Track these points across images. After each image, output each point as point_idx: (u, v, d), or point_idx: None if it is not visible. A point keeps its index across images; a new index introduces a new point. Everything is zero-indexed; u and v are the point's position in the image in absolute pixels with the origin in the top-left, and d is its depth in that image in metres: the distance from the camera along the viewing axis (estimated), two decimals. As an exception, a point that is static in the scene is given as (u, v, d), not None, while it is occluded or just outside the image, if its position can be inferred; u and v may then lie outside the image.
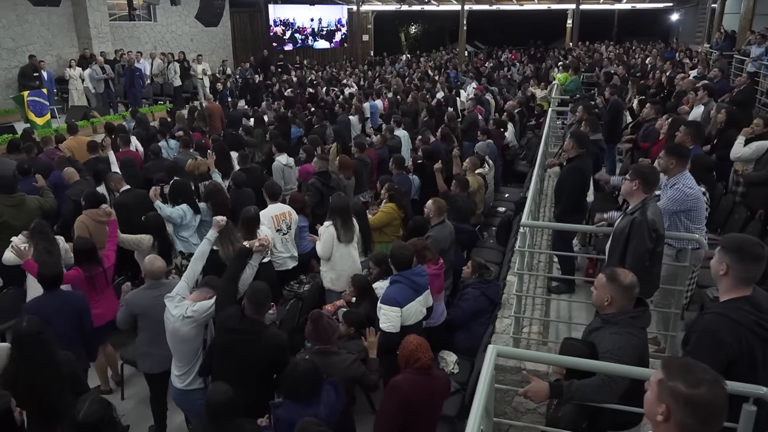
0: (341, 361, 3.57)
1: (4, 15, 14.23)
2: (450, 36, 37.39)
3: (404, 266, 4.17)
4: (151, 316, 4.13)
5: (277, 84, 16.85)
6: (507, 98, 14.02)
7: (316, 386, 3.17)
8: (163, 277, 4.24)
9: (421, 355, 3.33)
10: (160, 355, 4.19)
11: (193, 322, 3.68)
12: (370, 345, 3.87)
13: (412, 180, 7.32)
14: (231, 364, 3.54)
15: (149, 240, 5.38)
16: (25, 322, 3.25)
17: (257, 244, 3.97)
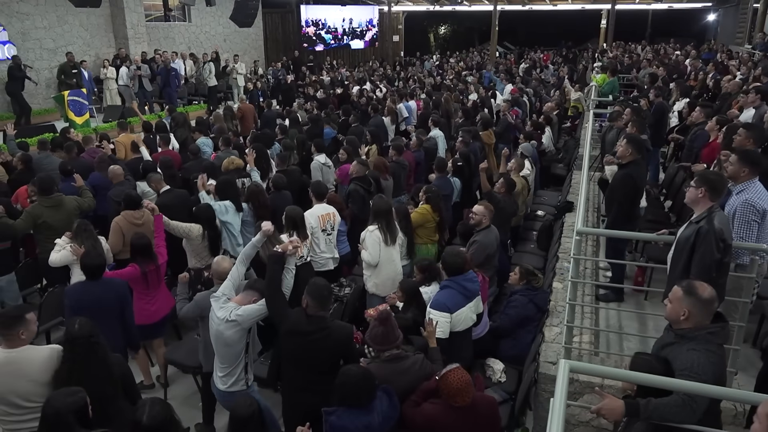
0: (414, 363, 3.50)
1: (46, 16, 14.51)
2: (479, 36, 37.18)
3: (456, 272, 4.09)
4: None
5: (309, 85, 16.85)
6: (545, 100, 13.81)
7: (369, 393, 3.10)
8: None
9: (459, 399, 3.19)
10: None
11: (237, 326, 3.65)
12: (429, 334, 3.79)
13: (453, 183, 7.22)
14: (303, 365, 3.50)
15: (198, 229, 5.37)
16: (77, 324, 3.23)
17: (290, 247, 3.92)
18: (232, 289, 3.81)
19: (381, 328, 3.52)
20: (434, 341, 3.78)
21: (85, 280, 4.22)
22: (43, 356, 3.31)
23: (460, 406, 3.17)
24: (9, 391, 3.21)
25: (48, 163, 7.59)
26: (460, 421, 3.18)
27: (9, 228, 5.56)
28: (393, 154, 7.81)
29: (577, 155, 10.06)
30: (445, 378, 3.20)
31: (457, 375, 3.18)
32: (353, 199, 6.50)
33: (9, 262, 5.63)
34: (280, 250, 3.84)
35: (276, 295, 3.64)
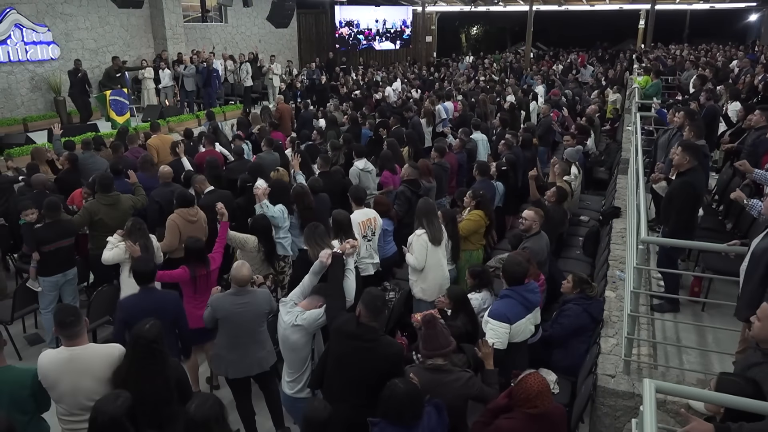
0: (455, 380, 3.38)
1: (88, 17, 14.78)
2: (511, 37, 36.81)
3: (517, 282, 3.99)
4: (232, 322, 4.13)
5: (345, 85, 16.85)
6: (586, 102, 13.56)
7: (416, 410, 2.99)
8: (248, 285, 4.18)
9: (539, 403, 3.09)
10: (236, 361, 4.18)
11: (302, 331, 3.61)
12: (485, 356, 3.66)
13: (496, 187, 7.09)
14: (345, 373, 3.43)
15: (254, 241, 5.36)
16: (147, 325, 3.23)
17: (347, 247, 3.87)
18: (301, 296, 3.77)
19: (427, 331, 3.44)
20: (491, 363, 3.65)
21: (138, 293, 4.21)
22: (105, 354, 3.33)
23: (538, 413, 3.06)
24: (73, 389, 3.23)
25: (92, 162, 7.70)
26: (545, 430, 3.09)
27: (70, 224, 5.68)
28: (435, 156, 7.72)
29: (620, 159, 9.83)
30: (523, 382, 3.11)
31: (537, 378, 3.12)
32: (399, 200, 6.44)
33: (73, 257, 5.78)
34: (339, 250, 3.78)
35: (335, 294, 3.62)
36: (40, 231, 5.48)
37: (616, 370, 4.07)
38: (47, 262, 5.52)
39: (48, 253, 5.48)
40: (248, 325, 4.06)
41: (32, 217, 5.66)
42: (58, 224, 5.55)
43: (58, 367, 3.22)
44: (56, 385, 3.24)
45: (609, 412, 3.94)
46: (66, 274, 5.65)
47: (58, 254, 5.54)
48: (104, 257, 4.96)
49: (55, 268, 5.57)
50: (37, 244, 5.45)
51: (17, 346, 5.75)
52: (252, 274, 4.22)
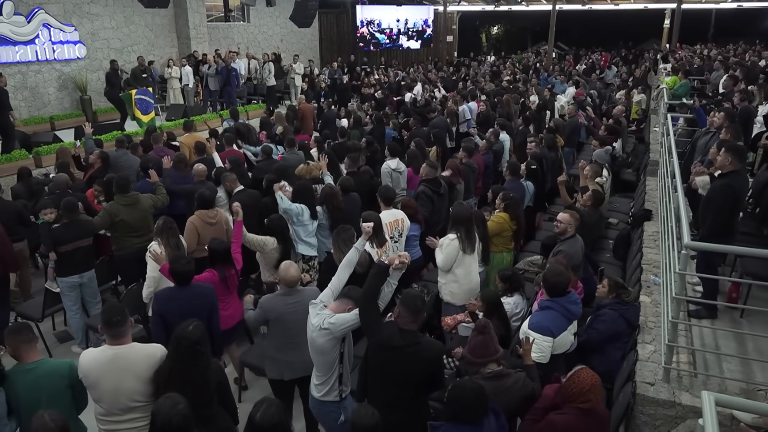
0: (515, 382, 3.35)
1: (114, 17, 14.93)
2: (532, 37, 36.50)
3: (559, 293, 3.90)
4: (284, 323, 4.07)
5: (367, 85, 16.79)
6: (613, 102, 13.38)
7: (482, 411, 2.95)
8: (297, 285, 4.14)
9: (592, 396, 3.06)
10: (289, 362, 4.13)
11: (329, 335, 3.54)
12: (526, 352, 3.62)
13: (525, 186, 6.99)
14: (387, 379, 3.38)
15: (273, 242, 5.34)
16: (191, 326, 3.21)
17: (397, 262, 3.75)
18: (331, 297, 3.71)
19: (480, 337, 3.37)
20: (530, 358, 3.61)
21: (174, 286, 4.20)
22: (148, 354, 3.33)
23: (590, 408, 3.03)
24: (116, 388, 3.23)
25: (125, 161, 7.74)
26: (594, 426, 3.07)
27: (89, 224, 5.68)
28: (463, 156, 7.63)
29: (648, 160, 9.66)
30: (575, 376, 3.08)
31: (588, 372, 3.10)
32: (421, 201, 6.37)
33: (90, 259, 5.74)
34: (387, 261, 3.69)
35: (370, 306, 3.50)
36: (57, 231, 5.50)
37: (656, 378, 3.96)
38: (64, 263, 5.53)
39: (65, 253, 5.48)
40: (301, 325, 4.01)
41: (50, 217, 5.69)
42: (76, 224, 5.55)
43: (101, 366, 3.22)
44: (98, 384, 3.23)
45: (648, 421, 3.84)
46: (83, 276, 5.64)
47: (75, 255, 5.53)
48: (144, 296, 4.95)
49: (71, 269, 5.56)
50: (54, 244, 5.46)
51: (47, 343, 5.79)
52: (300, 274, 4.15)
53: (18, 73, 12.87)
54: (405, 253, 3.76)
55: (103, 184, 6.50)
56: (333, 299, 3.71)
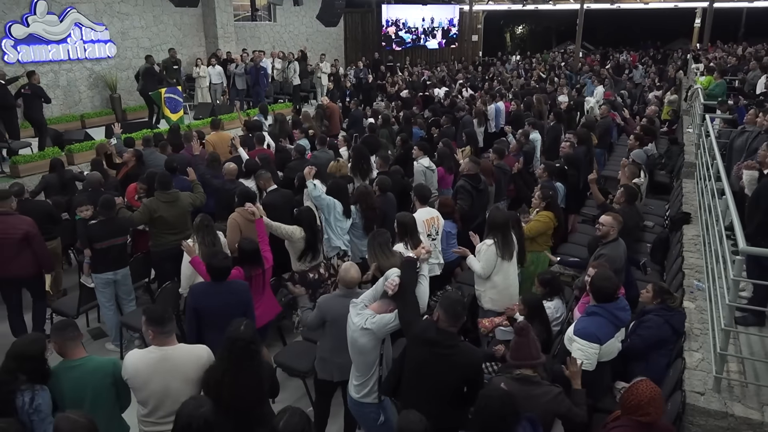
0: (544, 393, 3.21)
1: (143, 16, 15.07)
2: (557, 37, 36.09)
3: (607, 299, 3.77)
4: (340, 325, 3.97)
5: (393, 85, 16.73)
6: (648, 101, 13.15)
7: (512, 419, 2.84)
8: (356, 287, 4.07)
9: (651, 410, 2.90)
10: (341, 364, 4.06)
11: (371, 335, 3.50)
12: (573, 375, 3.47)
13: (557, 188, 6.86)
14: (423, 381, 3.31)
15: (300, 232, 5.32)
16: (243, 326, 3.18)
17: (423, 252, 3.71)
18: (373, 298, 3.67)
19: (519, 339, 3.28)
20: (579, 382, 3.44)
21: (210, 281, 4.17)
22: (195, 355, 3.31)
23: (650, 422, 2.89)
24: (163, 390, 3.21)
25: (153, 159, 7.78)
26: None
27: (128, 221, 5.72)
28: (494, 158, 7.52)
29: (683, 162, 9.45)
30: (634, 388, 2.94)
31: (648, 384, 2.95)
32: (461, 195, 6.29)
33: (125, 256, 5.77)
34: (414, 255, 3.64)
35: (408, 300, 3.47)
36: (93, 228, 5.53)
37: (705, 388, 3.83)
38: (99, 260, 5.55)
39: (100, 250, 5.50)
40: None
41: (87, 214, 5.72)
42: (112, 222, 5.57)
43: (150, 367, 3.20)
44: (146, 386, 3.22)
45: (699, 432, 3.72)
46: (117, 273, 5.65)
47: (109, 252, 5.55)
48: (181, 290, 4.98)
49: (106, 266, 5.57)
50: (89, 241, 5.50)
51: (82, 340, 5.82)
52: (360, 275, 4.10)
53: (50, 72, 13.05)
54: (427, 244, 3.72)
55: (146, 182, 6.52)
56: (374, 300, 3.66)
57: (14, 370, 3.13)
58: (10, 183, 8.94)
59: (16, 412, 3.09)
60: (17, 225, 5.37)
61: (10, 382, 3.10)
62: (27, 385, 3.13)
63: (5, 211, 5.38)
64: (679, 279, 5.45)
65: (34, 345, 3.21)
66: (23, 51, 12.46)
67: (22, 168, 9.19)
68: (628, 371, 4.36)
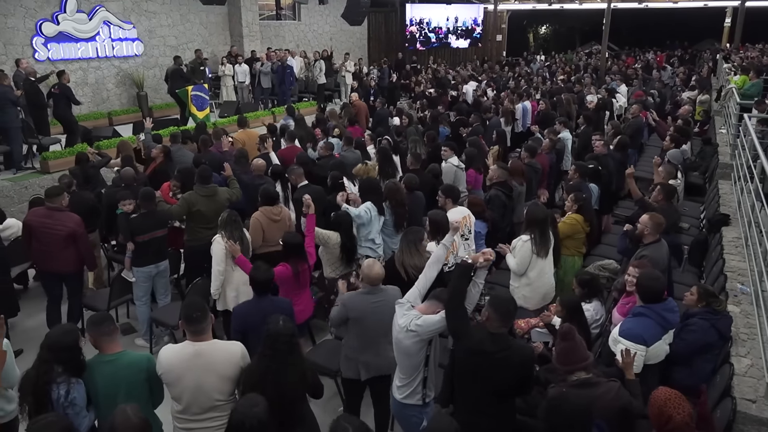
0: (606, 391, 3.09)
1: (170, 15, 15.18)
2: (580, 37, 35.66)
3: (654, 299, 3.65)
4: (364, 323, 3.95)
5: (418, 84, 16.64)
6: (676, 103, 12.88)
7: (588, 421, 2.73)
8: (380, 284, 4.00)
9: (673, 412, 2.77)
10: (369, 361, 4.02)
11: (416, 336, 3.41)
12: (627, 365, 3.37)
13: (591, 189, 6.71)
14: (478, 386, 3.22)
15: (337, 237, 5.26)
16: (281, 321, 3.14)
17: (481, 259, 3.59)
18: (419, 296, 3.58)
19: (566, 343, 3.16)
20: (632, 373, 3.35)
21: (252, 300, 4.11)
22: (229, 351, 3.26)
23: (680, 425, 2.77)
24: (197, 385, 3.16)
25: (180, 155, 7.79)
26: None
27: (167, 214, 5.74)
28: (525, 157, 7.39)
29: (718, 163, 9.21)
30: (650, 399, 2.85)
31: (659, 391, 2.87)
32: (494, 205, 6.16)
33: (165, 249, 5.80)
34: (470, 260, 3.53)
35: (458, 308, 3.34)
36: (135, 221, 5.56)
37: (757, 395, 3.68)
38: (140, 253, 5.58)
39: (141, 243, 5.53)
40: (382, 325, 3.91)
41: (129, 207, 5.75)
42: (152, 215, 5.60)
43: (184, 363, 3.16)
44: (180, 381, 3.17)
45: (750, 441, 3.56)
46: (158, 266, 5.69)
47: (151, 245, 5.58)
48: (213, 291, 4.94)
49: (148, 259, 5.61)
50: (131, 234, 5.52)
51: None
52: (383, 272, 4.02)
53: (79, 69, 13.18)
54: (489, 250, 3.61)
55: (179, 178, 6.52)
56: (420, 299, 3.58)
57: (50, 361, 3.11)
58: (40, 178, 9.13)
59: (52, 404, 3.08)
60: (65, 222, 5.43)
61: (47, 372, 3.08)
62: (63, 377, 3.11)
63: (56, 207, 5.44)
64: (721, 282, 5.28)
65: (68, 336, 3.20)
66: (53, 49, 12.61)
67: (51, 164, 9.28)
68: (671, 377, 4.22)
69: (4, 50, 11.87)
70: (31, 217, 5.53)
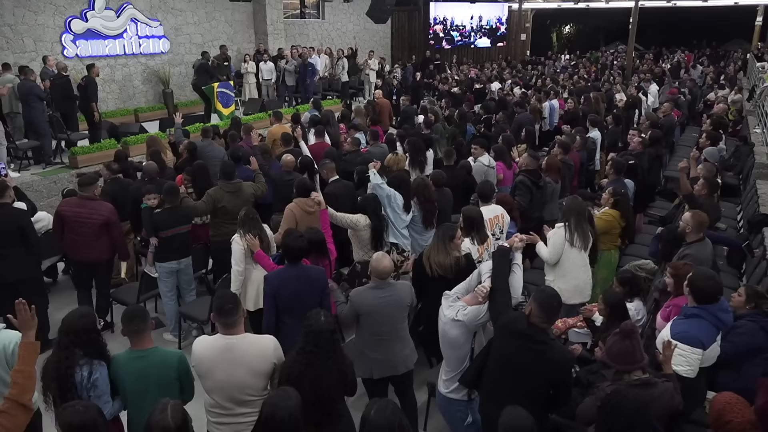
0: (662, 393, 2.99)
1: (196, 12, 15.27)
2: (605, 36, 35.18)
3: (710, 299, 3.50)
4: (374, 318, 3.85)
5: (442, 82, 16.53)
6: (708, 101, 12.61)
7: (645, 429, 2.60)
8: (389, 278, 3.91)
9: (731, 416, 2.67)
10: (380, 359, 3.91)
11: (463, 327, 3.35)
12: (666, 359, 3.26)
13: (627, 185, 6.54)
14: (507, 375, 3.12)
15: (365, 220, 5.18)
16: (323, 316, 3.06)
17: (516, 241, 3.56)
18: (465, 290, 3.52)
19: (625, 342, 3.03)
20: (671, 367, 3.25)
21: (286, 266, 4.05)
22: (262, 346, 3.18)
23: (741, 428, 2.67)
24: (227, 379, 3.10)
25: (210, 150, 7.75)
26: None
27: (192, 210, 5.69)
28: (558, 153, 7.24)
29: (754, 162, 8.97)
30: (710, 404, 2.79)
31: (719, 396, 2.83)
32: (520, 190, 6.06)
33: (188, 245, 5.72)
34: (507, 244, 3.47)
35: (499, 289, 3.31)
36: (159, 216, 5.51)
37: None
38: (163, 249, 5.53)
39: (165, 239, 5.48)
40: (391, 320, 3.82)
41: (153, 202, 5.70)
42: (177, 210, 5.54)
43: (215, 356, 3.10)
44: (210, 374, 3.11)
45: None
46: (180, 262, 5.62)
47: (174, 241, 5.52)
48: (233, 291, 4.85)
49: (170, 255, 5.55)
50: (154, 230, 5.48)
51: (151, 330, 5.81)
52: (393, 266, 3.94)
53: (107, 66, 13.29)
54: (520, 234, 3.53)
55: (191, 173, 6.49)
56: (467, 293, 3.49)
57: (69, 345, 3.08)
58: (69, 172, 9.20)
59: (76, 388, 3.06)
60: (99, 210, 5.44)
61: (68, 357, 3.05)
62: (85, 359, 3.10)
63: (89, 196, 5.44)
64: (766, 283, 5.09)
65: (84, 319, 3.18)
66: (81, 45, 12.75)
67: (80, 159, 9.35)
68: (718, 381, 4.06)
69: (34, 47, 12.01)
70: (64, 207, 5.54)
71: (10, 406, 2.63)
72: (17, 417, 2.63)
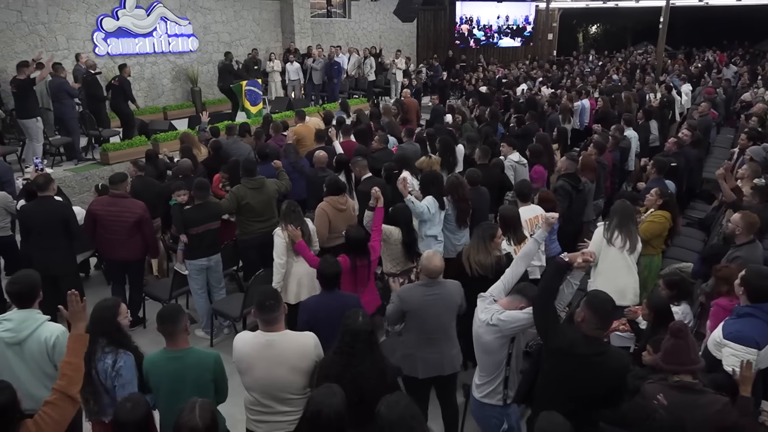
0: (710, 403, 2.81)
1: (225, 11, 15.34)
2: (632, 37, 34.59)
3: (764, 298, 3.35)
4: (421, 316, 3.77)
5: (471, 82, 16.40)
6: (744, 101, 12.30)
7: None
8: (439, 276, 3.82)
9: None
10: (423, 359, 3.82)
11: (497, 332, 3.21)
12: (743, 380, 3.06)
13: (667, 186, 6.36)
14: (563, 392, 2.98)
15: (398, 233, 5.09)
16: (361, 316, 3.01)
17: (580, 260, 3.31)
18: (503, 291, 3.38)
19: (676, 341, 2.88)
20: (749, 389, 3.05)
21: (321, 293, 3.96)
22: (301, 343, 3.13)
23: None
24: (267, 376, 3.05)
25: (236, 148, 7.76)
26: None
27: (218, 207, 5.65)
28: (593, 152, 7.07)
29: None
30: None
31: None
32: (559, 195, 5.92)
33: (218, 242, 5.70)
34: (568, 259, 3.30)
35: (547, 306, 3.12)
36: (189, 212, 5.48)
37: None
38: (193, 245, 5.50)
39: (195, 235, 5.45)
40: (439, 320, 3.73)
41: (183, 198, 5.68)
42: (206, 207, 5.52)
43: (255, 352, 3.05)
44: (251, 371, 3.07)
45: None
46: (210, 259, 5.59)
47: (204, 237, 5.49)
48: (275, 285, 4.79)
49: (200, 252, 5.52)
50: (184, 226, 5.45)
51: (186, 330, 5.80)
52: (443, 265, 3.84)
53: (137, 65, 13.41)
54: (590, 251, 3.35)
55: (228, 170, 6.47)
56: (504, 293, 3.36)
57: (94, 335, 3.08)
58: (100, 169, 9.27)
59: (100, 376, 3.09)
60: (132, 209, 5.43)
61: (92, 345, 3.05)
62: (110, 348, 3.12)
63: (120, 194, 5.44)
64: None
65: (106, 311, 3.21)
66: (112, 44, 12.89)
67: (111, 155, 9.43)
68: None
69: (66, 45, 12.16)
70: (96, 205, 5.54)
71: (58, 397, 2.61)
72: (65, 409, 2.61)
